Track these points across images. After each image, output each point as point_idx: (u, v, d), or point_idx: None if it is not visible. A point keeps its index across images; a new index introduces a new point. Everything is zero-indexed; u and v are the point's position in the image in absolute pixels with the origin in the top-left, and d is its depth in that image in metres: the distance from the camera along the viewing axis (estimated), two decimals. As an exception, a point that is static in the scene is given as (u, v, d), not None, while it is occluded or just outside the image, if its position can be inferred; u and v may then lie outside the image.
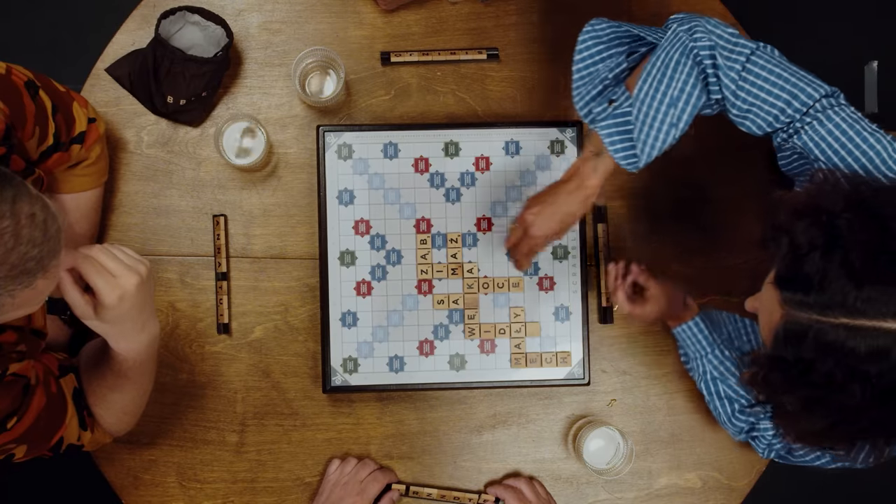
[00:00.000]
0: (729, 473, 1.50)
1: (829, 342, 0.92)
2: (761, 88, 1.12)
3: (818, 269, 0.92)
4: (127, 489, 1.45)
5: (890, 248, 0.91)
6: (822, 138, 1.09)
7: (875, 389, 0.91)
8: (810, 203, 0.98)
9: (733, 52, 1.12)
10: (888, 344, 0.89)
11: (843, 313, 0.91)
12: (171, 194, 1.47)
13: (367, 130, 1.45)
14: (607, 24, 1.24)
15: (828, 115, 1.10)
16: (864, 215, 0.93)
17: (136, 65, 1.44)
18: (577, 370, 1.46)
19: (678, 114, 1.15)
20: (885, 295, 0.89)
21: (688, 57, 1.14)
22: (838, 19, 2.39)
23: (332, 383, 1.44)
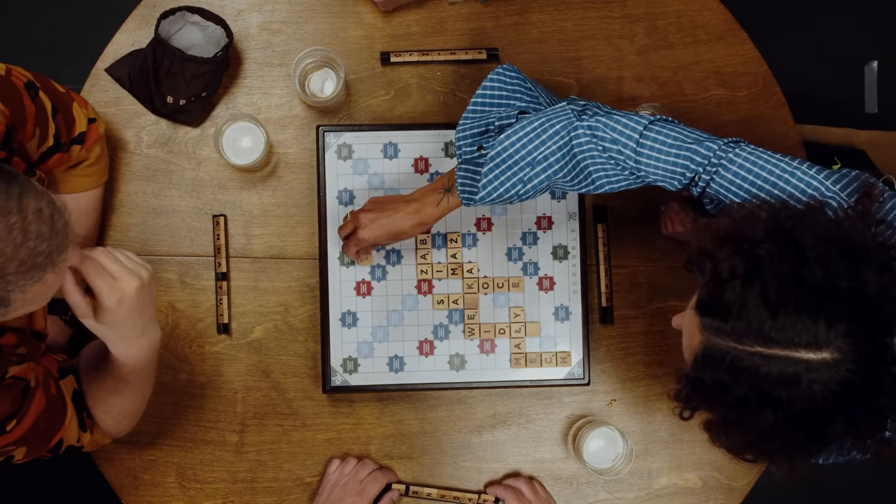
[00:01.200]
0: (729, 473, 1.50)
1: (744, 368, 0.95)
2: (659, 155, 1.16)
3: (737, 298, 0.95)
4: (127, 489, 1.45)
5: (805, 279, 0.94)
6: (730, 181, 1.13)
7: (787, 414, 0.95)
8: (733, 230, 1.01)
9: (625, 132, 1.17)
10: (799, 371, 0.93)
11: (758, 342, 0.94)
12: (170, 194, 1.47)
13: (367, 130, 1.45)
14: (517, 75, 1.29)
15: (730, 157, 1.14)
16: (784, 244, 0.96)
17: (136, 65, 1.44)
18: (577, 370, 1.46)
19: (531, 175, 1.21)
20: (798, 325, 0.92)
21: (568, 132, 1.19)
22: (838, 19, 2.39)
23: (332, 383, 1.44)
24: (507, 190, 1.22)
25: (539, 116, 1.22)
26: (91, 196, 1.37)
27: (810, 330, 0.92)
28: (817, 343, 0.92)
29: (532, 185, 1.22)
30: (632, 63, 1.51)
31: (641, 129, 1.17)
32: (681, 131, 1.18)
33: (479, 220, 1.46)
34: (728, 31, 1.53)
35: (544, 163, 1.21)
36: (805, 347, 0.92)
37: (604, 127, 1.18)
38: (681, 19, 1.52)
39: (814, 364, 0.92)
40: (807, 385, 0.93)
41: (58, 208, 0.96)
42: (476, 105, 1.29)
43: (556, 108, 1.22)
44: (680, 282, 1.50)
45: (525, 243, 1.47)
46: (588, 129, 1.18)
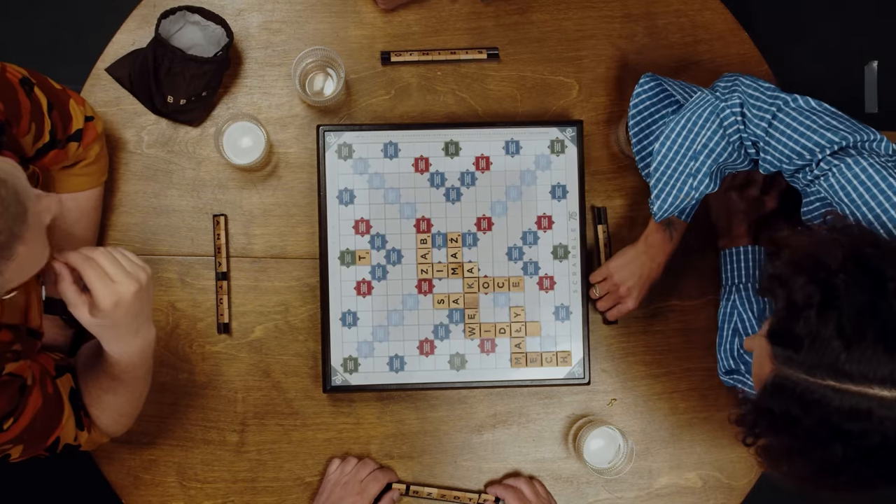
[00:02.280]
0: (729, 473, 1.50)
1: (815, 401, 0.93)
2: (790, 138, 1.14)
3: (811, 329, 0.93)
4: (127, 489, 1.45)
5: (882, 312, 0.91)
6: (848, 182, 1.09)
7: (857, 449, 0.93)
8: (810, 255, 0.98)
9: (763, 105, 1.16)
10: (871, 407, 0.90)
11: (831, 375, 0.92)
12: (171, 194, 1.47)
13: (368, 130, 1.45)
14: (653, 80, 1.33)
15: (856, 159, 1.09)
16: (862, 275, 0.93)
17: (136, 65, 1.44)
18: (578, 370, 1.46)
19: (698, 165, 1.21)
20: (873, 361, 0.90)
21: (717, 115, 1.20)
22: (838, 19, 2.39)
23: (333, 383, 1.44)
24: (681, 190, 1.23)
25: (684, 112, 1.22)
26: (90, 195, 1.37)
27: (885, 367, 0.90)
28: (892, 380, 0.90)
29: (703, 175, 1.22)
30: (632, 63, 1.51)
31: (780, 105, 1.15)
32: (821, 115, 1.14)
33: (479, 219, 1.46)
34: (728, 31, 1.53)
35: (705, 150, 1.21)
36: (879, 384, 0.90)
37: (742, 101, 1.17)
38: (681, 19, 1.52)
39: (887, 401, 0.90)
40: (879, 421, 0.90)
41: (2, 179, 0.92)
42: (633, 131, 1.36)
43: (696, 99, 1.23)
44: (680, 281, 1.50)
45: (525, 243, 1.47)
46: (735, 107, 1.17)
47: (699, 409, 1.50)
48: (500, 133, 1.46)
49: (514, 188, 1.46)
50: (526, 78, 1.51)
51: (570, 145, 1.47)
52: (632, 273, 1.41)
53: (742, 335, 1.38)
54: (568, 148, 1.47)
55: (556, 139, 1.47)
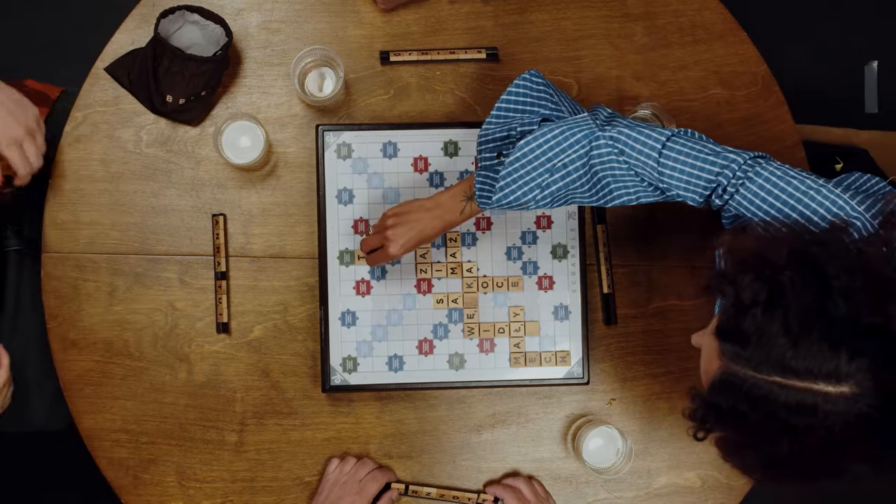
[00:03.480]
0: (728, 472, 1.49)
1: (761, 396, 0.94)
2: (682, 167, 1.15)
3: (757, 326, 0.94)
4: (126, 489, 1.45)
5: (828, 310, 0.93)
6: (753, 195, 1.12)
7: (802, 443, 0.94)
8: (755, 254, 0.99)
9: (647, 142, 1.16)
10: (816, 402, 0.92)
11: (777, 371, 0.93)
12: (170, 193, 1.47)
13: (367, 130, 1.45)
14: (543, 81, 1.28)
15: (756, 171, 1.12)
16: (807, 272, 0.95)
17: (136, 64, 1.44)
18: (577, 369, 1.46)
19: (550, 182, 1.21)
20: (818, 357, 0.91)
21: (589, 141, 1.18)
22: (838, 19, 2.39)
23: (332, 382, 1.44)
24: (525, 194, 1.22)
25: (561, 124, 1.21)
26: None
27: (831, 363, 0.91)
28: (837, 376, 0.91)
29: (550, 192, 1.21)
30: (631, 62, 1.51)
31: (664, 140, 1.16)
32: (705, 144, 1.16)
33: (478, 219, 1.46)
34: (727, 31, 1.53)
35: (563, 170, 1.20)
36: (824, 380, 0.91)
37: (626, 138, 1.17)
38: (680, 18, 1.52)
39: (832, 397, 0.91)
40: (823, 416, 0.92)
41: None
42: (500, 110, 1.28)
43: (577, 118, 1.21)
44: (679, 282, 1.50)
45: (524, 242, 1.47)
46: (610, 140, 1.17)
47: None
48: (499, 133, 1.46)
49: (514, 188, 1.46)
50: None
51: (570, 145, 1.46)
52: (406, 221, 1.31)
53: None
54: (567, 147, 1.46)
55: (556, 139, 1.46)
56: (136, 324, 1.46)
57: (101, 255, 1.46)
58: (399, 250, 1.31)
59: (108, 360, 1.45)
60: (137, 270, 1.46)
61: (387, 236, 1.31)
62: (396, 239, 1.31)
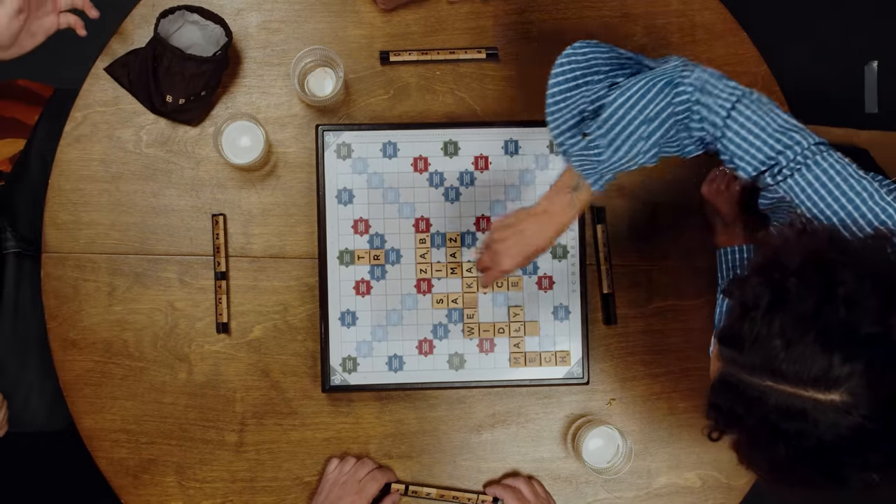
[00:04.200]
0: (728, 472, 1.50)
1: (754, 399, 0.94)
2: (750, 132, 1.11)
3: (753, 330, 0.94)
4: (126, 489, 1.45)
5: (825, 315, 0.91)
6: (808, 184, 1.09)
7: (797, 449, 0.93)
8: (772, 256, 0.98)
9: (722, 94, 1.12)
10: (806, 408, 0.91)
11: (768, 375, 0.92)
12: (170, 193, 1.47)
13: (367, 130, 1.45)
14: (588, 47, 1.20)
15: (816, 160, 1.09)
16: (816, 278, 0.93)
17: (136, 64, 1.44)
18: (577, 369, 1.46)
19: (651, 130, 1.14)
20: (808, 361, 0.90)
21: (672, 87, 1.13)
22: (838, 19, 2.39)
23: (332, 383, 1.44)
24: (632, 146, 1.15)
25: (645, 75, 1.15)
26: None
27: (820, 367, 0.89)
28: (827, 382, 0.89)
29: (654, 142, 1.15)
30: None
31: (734, 101, 1.11)
32: (775, 114, 1.11)
33: (478, 219, 1.46)
34: (727, 31, 1.53)
35: (658, 118, 1.14)
36: (813, 386, 0.90)
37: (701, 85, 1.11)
38: (680, 18, 1.52)
39: (822, 404, 0.90)
40: (814, 423, 0.90)
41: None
42: (555, 99, 1.20)
43: (659, 65, 1.16)
44: (679, 281, 1.50)
45: (524, 243, 1.46)
46: (690, 87, 1.12)
47: (698, 408, 1.49)
48: (499, 133, 1.46)
49: (514, 188, 1.46)
50: (525, 78, 1.51)
51: (569, 145, 1.46)
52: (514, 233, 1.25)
53: None
54: (567, 148, 1.46)
55: (555, 139, 1.46)
56: (135, 324, 1.46)
57: (101, 255, 1.46)
58: (510, 264, 1.25)
59: (108, 360, 1.45)
60: (137, 270, 1.46)
61: (496, 250, 1.26)
62: (507, 252, 1.25)
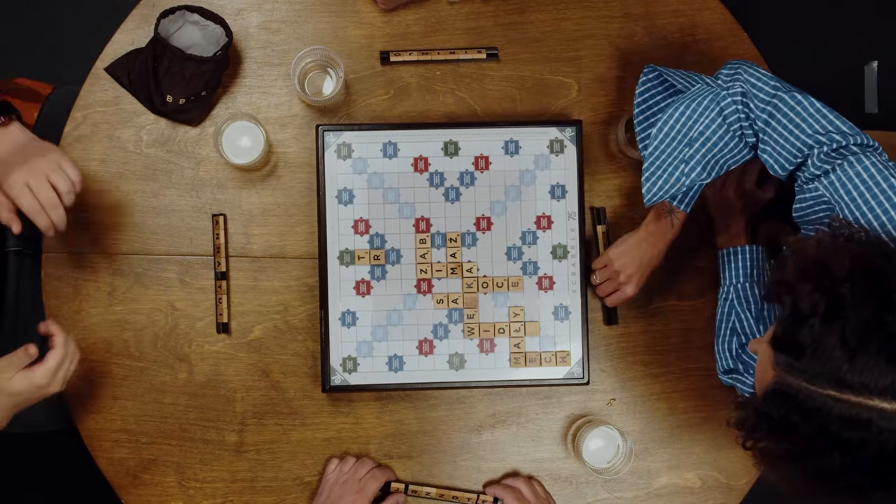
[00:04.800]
0: (728, 473, 1.50)
1: (815, 409, 0.93)
2: (790, 132, 1.12)
3: (814, 338, 0.93)
4: (126, 489, 1.45)
5: (887, 325, 0.91)
6: (849, 179, 1.08)
7: (855, 458, 0.93)
8: (817, 263, 0.97)
9: (764, 97, 1.14)
10: (871, 417, 0.90)
11: (832, 385, 0.92)
12: (170, 194, 1.47)
13: (367, 130, 1.45)
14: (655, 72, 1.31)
15: (859, 157, 1.08)
16: (869, 285, 0.93)
17: (136, 64, 1.44)
18: (577, 369, 1.46)
19: (692, 153, 1.19)
20: (875, 372, 0.90)
21: (717, 103, 1.17)
22: (838, 19, 2.39)
23: (332, 383, 1.44)
24: (671, 174, 1.21)
25: (683, 98, 1.19)
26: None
27: (887, 378, 0.89)
28: (894, 392, 0.89)
29: (696, 162, 1.20)
30: (631, 62, 1.51)
31: (777, 97, 1.13)
32: (818, 109, 1.12)
33: (478, 219, 1.46)
34: (728, 31, 1.53)
35: (700, 138, 1.18)
36: (880, 395, 0.90)
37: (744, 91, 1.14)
38: (680, 19, 1.52)
39: (887, 413, 0.90)
40: (878, 432, 0.90)
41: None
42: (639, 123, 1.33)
43: (696, 88, 1.21)
44: (680, 281, 1.50)
45: (525, 243, 1.47)
46: (737, 96, 1.14)
47: (698, 409, 1.50)
48: (499, 133, 1.46)
49: (514, 188, 1.46)
50: (525, 78, 1.51)
51: (570, 145, 1.47)
52: (632, 260, 1.40)
53: (740, 335, 1.38)
54: (567, 148, 1.47)
55: (556, 139, 1.47)
56: (136, 324, 1.46)
57: (102, 255, 1.46)
58: (637, 289, 1.41)
59: (108, 360, 1.45)
60: (138, 270, 1.46)
61: (622, 282, 1.41)
62: (631, 281, 1.41)
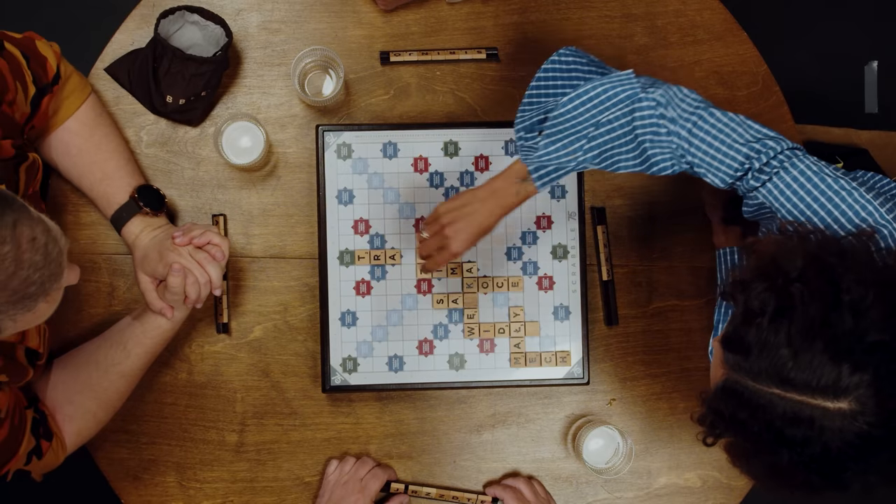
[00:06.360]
0: (728, 472, 1.49)
1: (760, 406, 0.94)
2: (716, 139, 1.12)
3: (760, 336, 0.94)
4: (127, 489, 1.45)
5: (833, 324, 0.91)
6: (787, 185, 1.09)
7: (801, 455, 0.93)
8: (772, 261, 0.98)
9: (687, 107, 1.13)
10: (813, 415, 0.91)
11: (776, 383, 0.92)
12: (170, 194, 1.47)
13: (367, 130, 1.45)
14: (575, 57, 1.24)
15: (793, 162, 1.10)
16: (820, 283, 0.93)
17: (136, 64, 1.44)
18: (577, 369, 1.46)
19: (596, 135, 1.17)
20: (818, 371, 0.90)
21: (631, 102, 1.15)
22: (838, 19, 2.39)
23: (332, 383, 1.44)
24: (571, 143, 1.17)
25: (604, 80, 1.17)
26: (88, 108, 1.35)
27: (830, 377, 0.90)
28: (836, 391, 0.90)
29: (597, 145, 1.17)
30: (631, 62, 1.51)
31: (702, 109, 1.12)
32: (742, 121, 1.13)
33: (478, 219, 1.46)
34: (727, 31, 1.53)
35: (607, 125, 1.16)
36: (822, 394, 0.90)
37: (668, 100, 1.13)
38: (680, 19, 1.52)
39: (830, 412, 0.90)
40: (820, 431, 0.91)
41: (53, 236, 0.96)
42: (531, 97, 1.23)
43: (621, 75, 1.17)
44: (680, 282, 1.50)
45: (525, 243, 1.47)
46: (653, 102, 1.13)
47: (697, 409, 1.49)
48: (499, 133, 1.46)
49: (514, 188, 1.46)
50: (525, 78, 1.50)
51: (570, 145, 1.46)
52: (464, 215, 1.27)
53: None
54: (567, 148, 1.46)
55: (556, 139, 1.46)
56: (136, 324, 1.45)
57: (102, 256, 1.46)
58: (461, 246, 1.27)
59: (108, 360, 1.45)
60: (138, 271, 1.46)
61: (446, 234, 1.27)
62: (457, 235, 1.26)
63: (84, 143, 1.33)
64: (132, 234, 1.34)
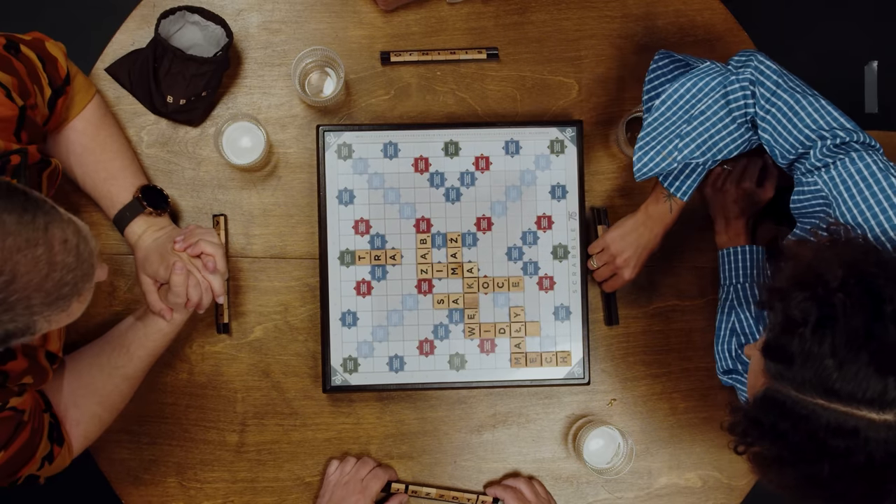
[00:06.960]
0: (729, 473, 1.50)
1: (803, 417, 0.93)
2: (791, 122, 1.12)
3: (804, 346, 0.93)
4: (127, 489, 1.45)
5: (876, 335, 0.91)
6: (849, 176, 1.08)
7: (843, 466, 0.92)
8: (811, 270, 0.97)
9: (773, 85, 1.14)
10: (858, 426, 0.90)
11: (820, 393, 0.92)
12: (171, 194, 1.46)
13: (367, 130, 1.45)
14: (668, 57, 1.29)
15: (860, 155, 1.08)
16: (861, 294, 0.93)
17: (136, 65, 1.44)
18: (577, 370, 1.46)
19: (689, 130, 1.19)
20: (863, 383, 0.90)
21: (723, 87, 1.17)
22: (838, 19, 2.39)
23: (332, 383, 1.44)
24: (664, 146, 1.20)
25: (691, 75, 1.18)
26: (95, 107, 1.35)
27: (876, 389, 0.89)
28: (882, 403, 0.89)
29: (692, 139, 1.18)
30: (632, 63, 1.51)
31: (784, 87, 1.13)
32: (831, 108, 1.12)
33: (479, 219, 1.46)
34: (728, 31, 1.53)
35: (701, 117, 1.17)
36: (867, 405, 0.90)
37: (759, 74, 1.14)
38: (681, 19, 1.52)
39: (875, 423, 0.90)
40: (865, 441, 0.90)
41: (84, 236, 0.97)
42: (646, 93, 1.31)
43: (706, 66, 1.20)
44: (680, 282, 1.50)
45: (525, 243, 1.47)
46: (746, 82, 1.14)
47: (699, 409, 1.50)
48: (499, 133, 1.46)
49: (514, 188, 1.46)
50: (525, 78, 1.51)
51: (570, 145, 1.47)
52: (630, 243, 1.39)
53: (740, 335, 1.38)
54: (568, 148, 1.47)
55: (556, 139, 1.47)
56: (136, 324, 1.45)
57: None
58: (633, 273, 1.41)
59: (108, 360, 1.45)
60: (138, 271, 1.46)
61: (618, 265, 1.41)
62: (627, 264, 1.40)
63: (89, 142, 1.33)
64: (135, 235, 1.34)
